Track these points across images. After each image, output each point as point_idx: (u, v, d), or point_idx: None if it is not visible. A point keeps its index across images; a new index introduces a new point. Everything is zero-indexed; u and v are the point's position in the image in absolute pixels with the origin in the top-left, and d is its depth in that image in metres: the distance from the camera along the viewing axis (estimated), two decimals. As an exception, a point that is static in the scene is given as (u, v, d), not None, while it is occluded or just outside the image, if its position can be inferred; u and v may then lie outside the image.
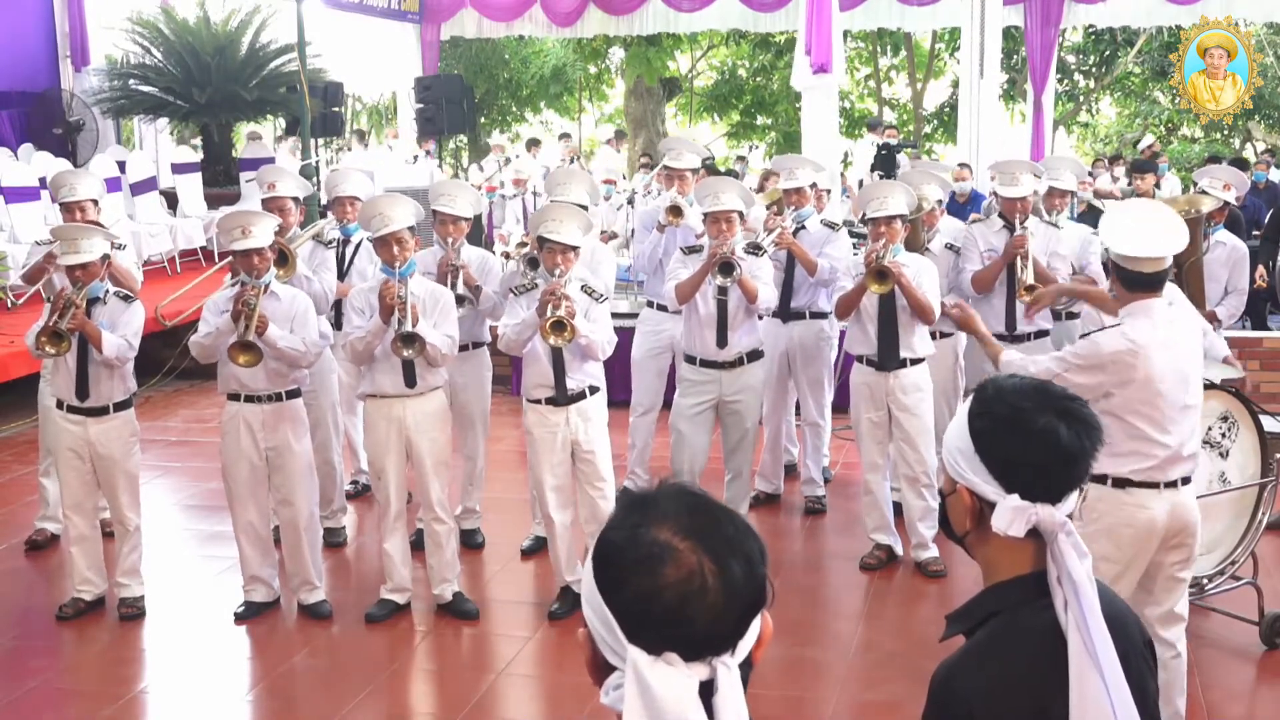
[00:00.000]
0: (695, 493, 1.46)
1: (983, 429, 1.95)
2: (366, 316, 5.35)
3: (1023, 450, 1.92)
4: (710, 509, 1.44)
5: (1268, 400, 7.43)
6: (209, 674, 5.14)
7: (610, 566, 1.41)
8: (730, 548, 1.39)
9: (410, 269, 5.36)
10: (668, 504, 1.43)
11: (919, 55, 22.65)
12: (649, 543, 1.39)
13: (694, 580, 1.36)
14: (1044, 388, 1.98)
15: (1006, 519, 1.90)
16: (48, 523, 6.52)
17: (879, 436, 6.00)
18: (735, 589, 1.38)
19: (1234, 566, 5.11)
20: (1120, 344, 3.86)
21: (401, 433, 5.45)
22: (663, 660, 1.36)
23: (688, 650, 1.36)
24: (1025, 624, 1.93)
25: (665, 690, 1.34)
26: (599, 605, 1.41)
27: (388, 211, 5.35)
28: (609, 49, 23.02)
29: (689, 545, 1.38)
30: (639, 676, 1.35)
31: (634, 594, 1.38)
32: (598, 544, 1.44)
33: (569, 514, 5.56)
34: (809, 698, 4.79)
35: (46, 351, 5.30)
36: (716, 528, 1.41)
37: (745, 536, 1.42)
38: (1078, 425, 1.92)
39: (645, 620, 1.37)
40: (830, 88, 12.62)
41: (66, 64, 14.34)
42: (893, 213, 5.74)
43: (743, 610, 1.39)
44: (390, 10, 15.02)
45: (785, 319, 6.73)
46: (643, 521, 1.41)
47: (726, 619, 1.38)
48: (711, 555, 1.38)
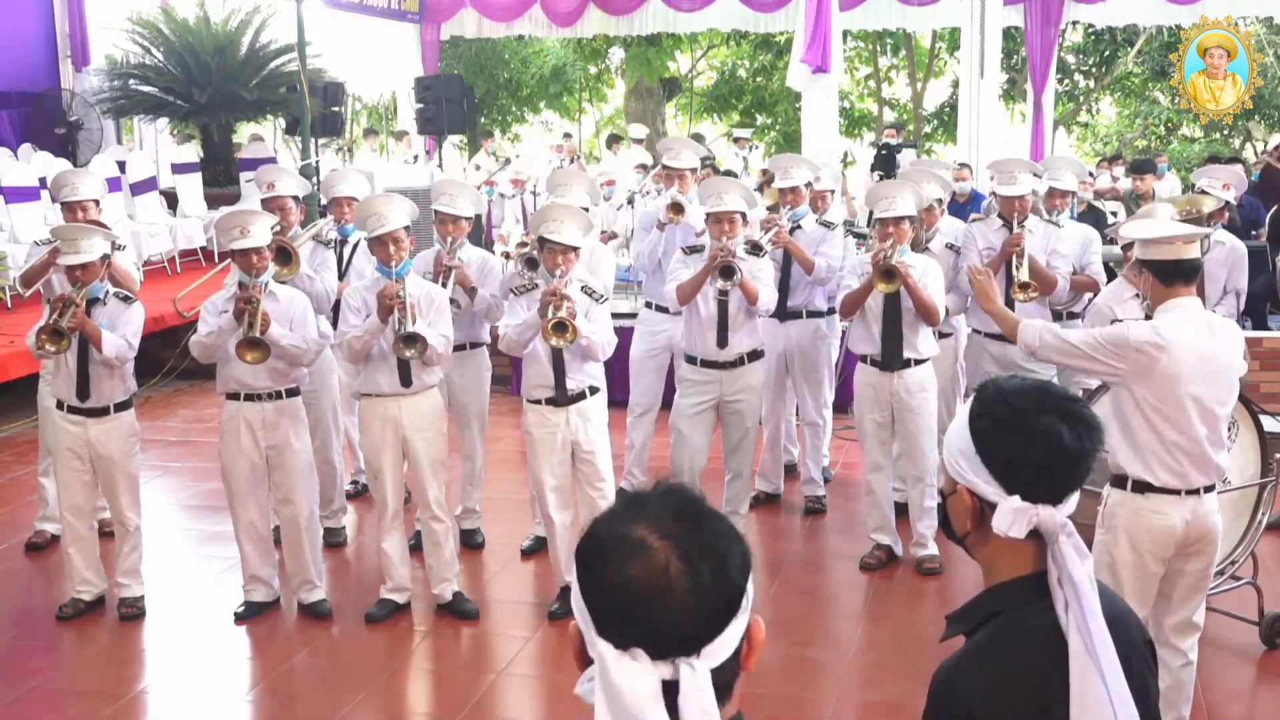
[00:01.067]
0: (687, 495, 1.47)
1: (984, 430, 1.95)
2: (363, 315, 5.35)
3: (1024, 451, 1.91)
4: (696, 512, 1.45)
5: (1268, 400, 7.43)
6: (209, 674, 5.14)
7: (586, 559, 1.45)
8: (705, 552, 1.41)
9: (406, 268, 5.37)
10: (656, 504, 1.45)
11: (919, 55, 22.65)
12: (625, 538, 1.41)
13: (660, 579, 1.38)
14: (1045, 388, 1.98)
15: (1008, 520, 1.90)
16: (47, 523, 6.52)
17: (883, 437, 6.00)
18: (703, 592, 1.39)
19: (1234, 566, 5.10)
20: (1147, 335, 3.81)
21: (398, 432, 5.45)
22: (628, 655, 1.38)
23: (653, 648, 1.38)
24: (1026, 625, 1.93)
25: (626, 684, 1.37)
26: (578, 597, 1.45)
27: (383, 211, 5.35)
28: (609, 49, 23.02)
29: (663, 545, 1.40)
30: (604, 670, 1.38)
31: (602, 587, 1.41)
32: (583, 536, 1.48)
33: (569, 514, 5.56)
34: (809, 698, 4.78)
35: (46, 350, 5.30)
36: (696, 530, 1.42)
37: (726, 543, 1.43)
38: (1079, 426, 1.92)
39: (612, 614, 1.40)
40: (830, 88, 12.63)
41: (66, 64, 14.34)
42: (901, 213, 5.74)
43: (710, 614, 1.40)
44: (390, 10, 15.03)
45: (782, 318, 6.73)
46: (628, 519, 1.43)
47: (693, 621, 1.39)
48: (683, 557, 1.39)
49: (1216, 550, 4.07)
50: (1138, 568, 3.94)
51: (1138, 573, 3.94)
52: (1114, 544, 3.96)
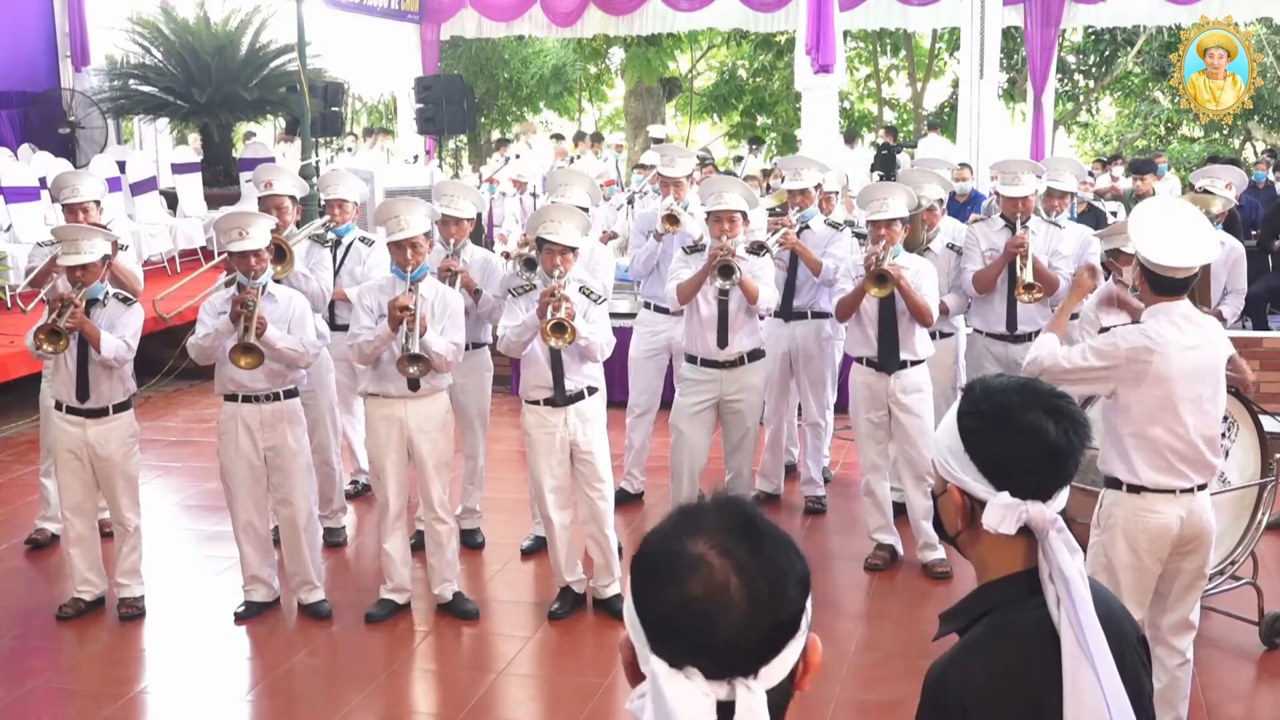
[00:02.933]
0: (745, 508, 1.45)
1: (971, 427, 1.95)
2: (375, 317, 5.34)
3: (1011, 448, 1.92)
4: (754, 527, 1.42)
5: (1268, 400, 7.42)
6: (209, 674, 5.14)
7: (643, 574, 1.41)
8: (764, 569, 1.39)
9: (422, 273, 5.36)
10: (713, 518, 1.42)
11: (919, 55, 22.65)
12: (682, 554, 1.39)
13: (719, 596, 1.36)
14: (1031, 385, 1.98)
15: (997, 516, 1.90)
16: (48, 523, 6.52)
17: (879, 436, 6.00)
18: (760, 609, 1.37)
19: (1234, 566, 5.11)
20: (1139, 340, 3.82)
21: (403, 433, 5.45)
22: (683, 674, 1.35)
23: (709, 666, 1.36)
24: (1018, 621, 1.93)
25: (679, 704, 1.33)
26: (631, 612, 1.41)
27: (404, 215, 5.33)
28: (609, 49, 23.01)
29: (722, 562, 1.37)
30: (657, 687, 1.35)
31: (660, 603, 1.38)
32: (638, 551, 1.44)
33: (568, 514, 5.56)
34: (809, 697, 4.77)
35: (45, 350, 5.30)
36: (755, 546, 1.40)
37: (786, 559, 1.41)
38: (1065, 422, 1.92)
39: (668, 630, 1.37)
40: (831, 88, 12.64)
41: (66, 64, 14.34)
42: (893, 215, 5.74)
43: (768, 632, 1.38)
44: (390, 10, 15.03)
45: (787, 319, 6.73)
46: (684, 532, 1.41)
47: (751, 640, 1.37)
48: (742, 573, 1.37)
49: (1212, 548, 4.08)
50: (1135, 568, 3.95)
51: (1135, 573, 3.95)
52: (1110, 544, 3.96)
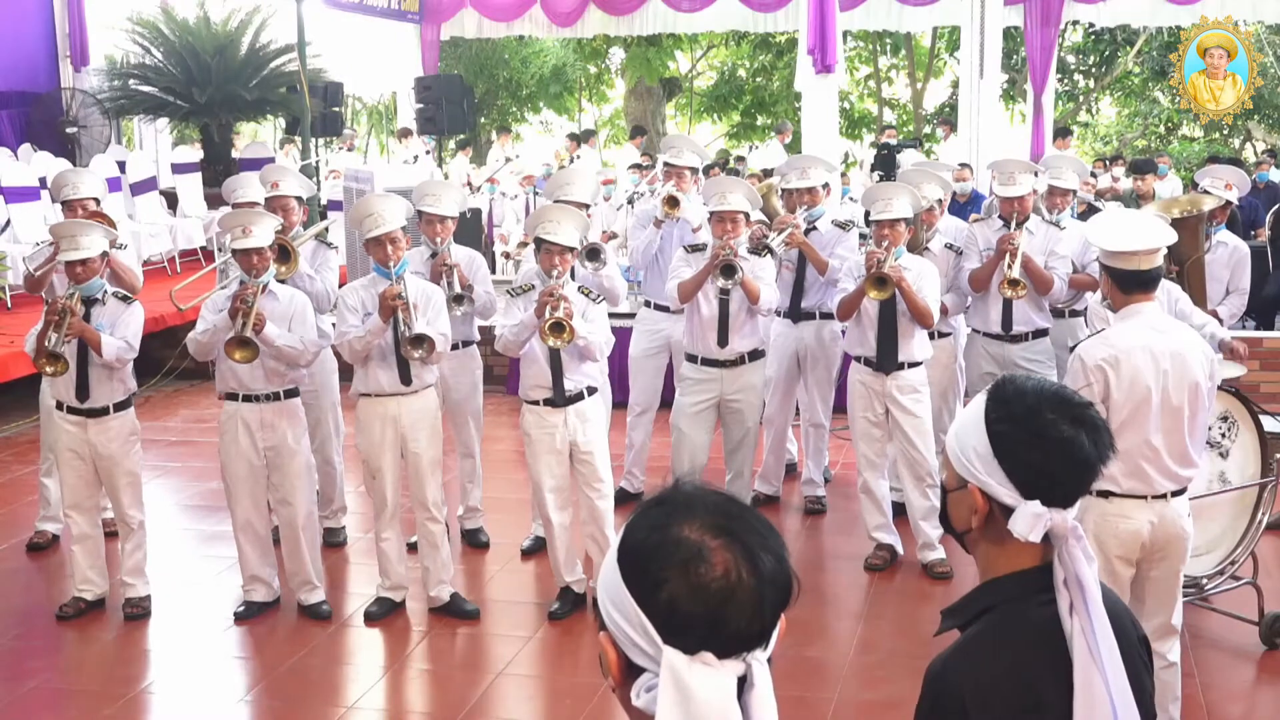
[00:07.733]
0: (716, 489, 1.46)
1: (1002, 433, 1.93)
2: (360, 315, 5.35)
3: (1044, 460, 1.91)
4: (736, 505, 1.45)
5: (1268, 400, 7.42)
6: (209, 674, 5.14)
7: (645, 569, 1.40)
8: (761, 543, 1.41)
9: (404, 268, 5.37)
10: (693, 502, 1.43)
11: (919, 55, 22.65)
12: (680, 542, 1.39)
13: (730, 578, 1.37)
14: (1063, 395, 1.97)
15: (1027, 525, 1.90)
16: (49, 523, 6.51)
17: (875, 435, 5.99)
18: (767, 584, 1.39)
19: (1234, 566, 5.11)
20: (1100, 351, 3.84)
21: (397, 431, 5.45)
22: (699, 660, 1.36)
23: (723, 648, 1.37)
24: (1020, 619, 1.94)
25: (704, 691, 1.35)
26: (630, 608, 1.40)
27: (379, 211, 5.34)
28: (609, 49, 23.01)
29: (721, 543, 1.38)
30: (676, 678, 1.35)
31: (671, 595, 1.38)
32: (624, 547, 1.43)
33: (568, 515, 5.56)
34: (809, 698, 4.78)
35: (46, 372, 5.33)
36: (745, 524, 1.42)
37: (770, 532, 1.44)
38: (1095, 434, 1.93)
39: (683, 621, 1.37)
40: (831, 88, 12.64)
41: (66, 64, 14.32)
42: (897, 215, 5.73)
43: (774, 605, 1.41)
44: (390, 10, 15.02)
45: (796, 320, 6.70)
46: (670, 521, 1.41)
47: (761, 614, 1.39)
48: (744, 552, 1.38)
49: (1186, 555, 4.06)
50: (1105, 572, 3.94)
51: (1107, 577, 3.95)
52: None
